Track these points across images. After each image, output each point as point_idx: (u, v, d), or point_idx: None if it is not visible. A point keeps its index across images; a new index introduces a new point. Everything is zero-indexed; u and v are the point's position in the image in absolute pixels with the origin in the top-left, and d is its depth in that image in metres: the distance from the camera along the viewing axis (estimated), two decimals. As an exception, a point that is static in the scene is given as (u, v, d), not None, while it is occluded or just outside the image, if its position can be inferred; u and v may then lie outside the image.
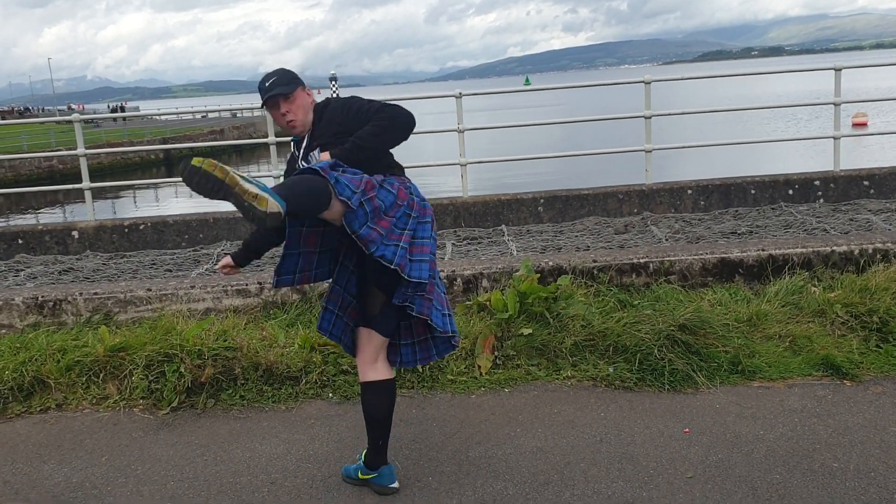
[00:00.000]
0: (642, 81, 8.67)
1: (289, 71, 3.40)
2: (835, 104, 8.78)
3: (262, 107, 3.37)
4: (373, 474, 3.41)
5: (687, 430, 3.84)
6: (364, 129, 3.16)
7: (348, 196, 2.88)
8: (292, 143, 3.48)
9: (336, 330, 3.37)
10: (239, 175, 2.72)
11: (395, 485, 3.40)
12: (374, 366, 3.34)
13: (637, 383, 4.34)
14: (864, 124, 27.19)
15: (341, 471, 3.58)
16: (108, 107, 75.16)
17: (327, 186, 2.87)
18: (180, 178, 2.75)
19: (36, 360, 4.68)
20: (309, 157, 3.33)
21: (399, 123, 3.20)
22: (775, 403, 4.07)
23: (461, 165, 8.77)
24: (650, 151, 8.79)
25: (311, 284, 4.06)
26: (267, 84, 3.32)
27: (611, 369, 4.46)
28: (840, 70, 8.70)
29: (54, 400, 4.54)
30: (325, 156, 3.16)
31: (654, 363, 4.40)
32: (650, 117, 8.73)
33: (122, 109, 74.99)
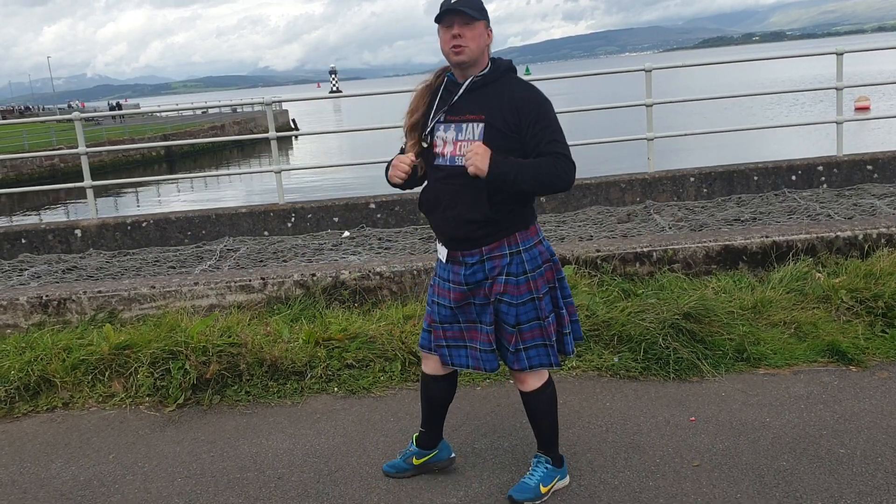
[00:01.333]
0: (643, 70, 8.64)
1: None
2: (837, 89, 8.74)
3: (437, 18, 2.94)
4: (433, 452, 3.47)
5: (693, 418, 3.84)
6: (536, 167, 2.84)
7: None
8: (438, 89, 3.05)
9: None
10: None
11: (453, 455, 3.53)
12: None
13: (642, 372, 4.34)
14: (866, 108, 27.11)
15: (389, 467, 3.54)
16: (108, 104, 75.21)
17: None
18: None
19: (41, 359, 4.69)
20: (451, 127, 2.97)
21: (563, 182, 2.88)
22: (781, 390, 4.07)
23: (463, 157, 8.75)
24: (652, 140, 8.77)
25: (314, 279, 3.95)
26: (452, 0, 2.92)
27: (616, 359, 4.45)
28: (842, 55, 8.66)
29: (60, 399, 4.55)
30: (477, 148, 2.84)
31: (658, 352, 4.40)
32: (651, 105, 8.70)
33: (119, 107, 75.02)
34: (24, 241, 8.62)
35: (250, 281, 5.53)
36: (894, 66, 47.18)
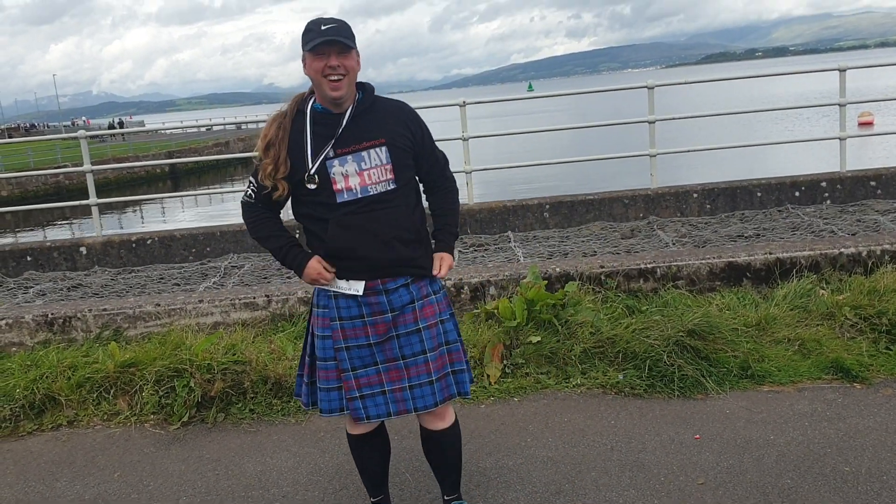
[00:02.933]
0: (645, 87, 8.68)
1: (349, 24, 2.85)
2: (840, 105, 8.77)
3: (309, 48, 2.76)
4: None
5: (697, 436, 3.84)
6: (454, 211, 3.14)
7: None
8: (304, 121, 2.86)
9: None
10: None
11: None
12: None
13: (647, 390, 4.33)
14: (870, 123, 27.12)
15: None
16: (109, 123, 75.90)
17: None
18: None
19: (47, 377, 4.70)
20: (349, 160, 2.82)
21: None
22: (785, 408, 4.06)
23: (466, 173, 8.78)
24: (655, 156, 8.79)
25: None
26: (324, 27, 2.76)
27: (620, 376, 4.45)
28: (844, 71, 8.69)
29: (66, 417, 4.56)
30: (368, 171, 2.82)
31: (663, 369, 4.40)
32: (654, 122, 8.73)
33: (122, 124, 75.68)
34: (29, 258, 8.66)
35: (254, 298, 5.55)
36: (897, 81, 47.24)
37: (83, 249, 8.67)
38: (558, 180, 20.04)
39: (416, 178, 3.04)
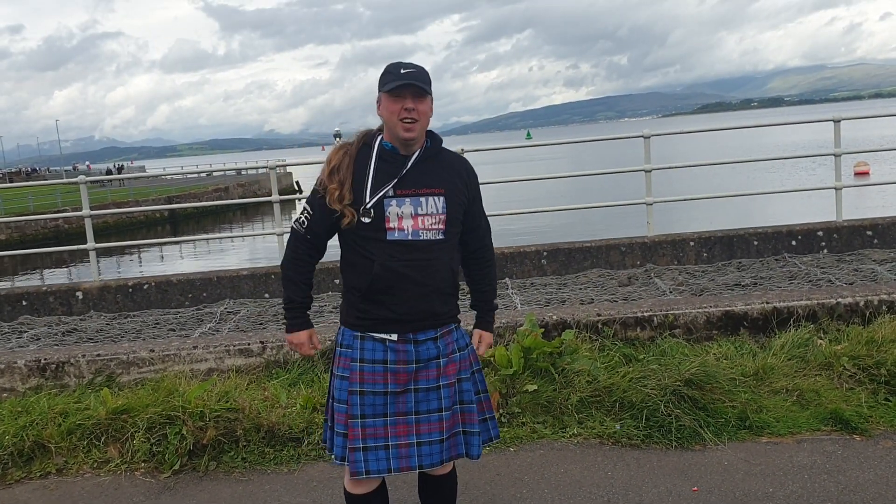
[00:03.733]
0: (642, 136, 8.75)
1: (427, 71, 2.91)
2: (835, 155, 8.84)
3: (387, 90, 2.81)
4: None
5: (695, 488, 3.78)
6: (493, 281, 3.20)
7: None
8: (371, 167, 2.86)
9: None
10: None
11: None
12: None
13: (644, 440, 4.28)
14: (866, 173, 27.33)
15: None
16: (107, 168, 77.05)
17: None
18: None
19: (37, 423, 4.64)
20: (407, 202, 2.84)
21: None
22: (784, 460, 4.01)
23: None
24: (651, 204, 8.83)
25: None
26: (403, 71, 2.82)
27: (618, 426, 4.40)
28: (839, 121, 8.77)
29: (55, 464, 4.49)
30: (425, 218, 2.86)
31: (660, 419, 4.35)
32: (650, 171, 8.78)
33: (121, 170, 77.01)
34: (24, 302, 8.63)
35: (249, 344, 5.51)
36: (892, 132, 47.70)
37: (79, 294, 8.64)
38: (556, 227, 20.12)
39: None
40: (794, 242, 8.63)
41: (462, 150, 8.41)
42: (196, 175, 58.08)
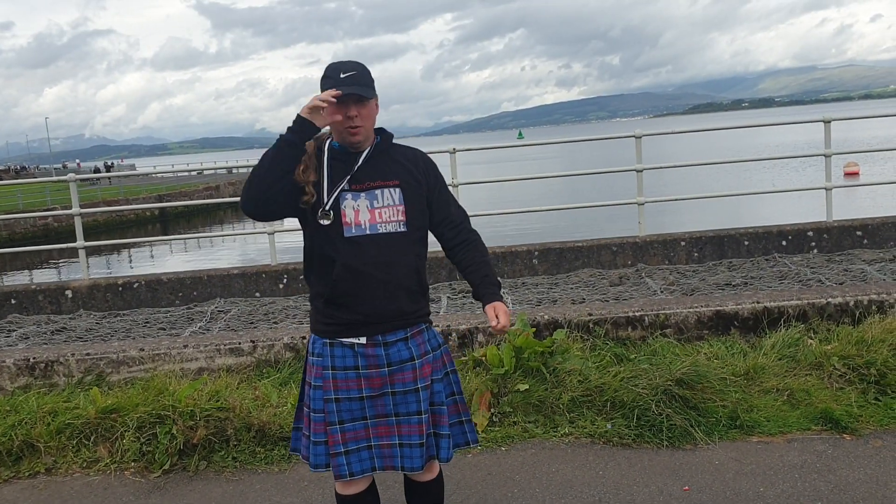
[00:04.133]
0: (633, 136, 8.76)
1: (368, 69, 2.87)
2: (825, 156, 8.87)
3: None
4: None
5: (686, 487, 3.79)
6: (485, 256, 3.04)
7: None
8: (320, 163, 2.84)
9: None
10: None
11: None
12: None
13: (635, 440, 4.29)
14: (856, 174, 27.45)
15: None
16: (96, 167, 76.64)
17: None
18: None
19: (26, 423, 4.61)
20: (362, 196, 2.83)
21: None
22: (775, 459, 4.02)
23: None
24: (643, 204, 8.84)
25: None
26: (343, 76, 2.77)
27: (609, 425, 4.41)
28: (829, 122, 8.81)
29: (44, 464, 4.46)
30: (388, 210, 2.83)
31: (651, 419, 4.36)
32: (641, 171, 8.80)
33: (109, 168, 76.30)
34: (13, 301, 8.58)
35: (240, 343, 5.49)
36: (882, 132, 47.95)
37: (69, 293, 8.60)
38: (547, 227, 20.13)
39: (430, 229, 3.01)
40: (784, 242, 8.66)
41: (454, 149, 8.41)
42: (187, 173, 57.85)
